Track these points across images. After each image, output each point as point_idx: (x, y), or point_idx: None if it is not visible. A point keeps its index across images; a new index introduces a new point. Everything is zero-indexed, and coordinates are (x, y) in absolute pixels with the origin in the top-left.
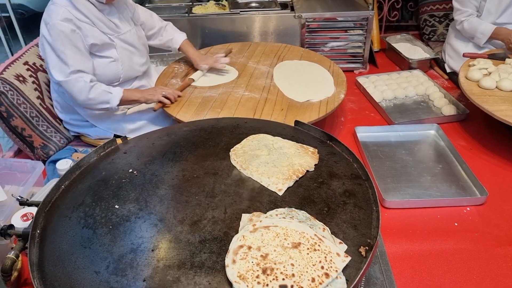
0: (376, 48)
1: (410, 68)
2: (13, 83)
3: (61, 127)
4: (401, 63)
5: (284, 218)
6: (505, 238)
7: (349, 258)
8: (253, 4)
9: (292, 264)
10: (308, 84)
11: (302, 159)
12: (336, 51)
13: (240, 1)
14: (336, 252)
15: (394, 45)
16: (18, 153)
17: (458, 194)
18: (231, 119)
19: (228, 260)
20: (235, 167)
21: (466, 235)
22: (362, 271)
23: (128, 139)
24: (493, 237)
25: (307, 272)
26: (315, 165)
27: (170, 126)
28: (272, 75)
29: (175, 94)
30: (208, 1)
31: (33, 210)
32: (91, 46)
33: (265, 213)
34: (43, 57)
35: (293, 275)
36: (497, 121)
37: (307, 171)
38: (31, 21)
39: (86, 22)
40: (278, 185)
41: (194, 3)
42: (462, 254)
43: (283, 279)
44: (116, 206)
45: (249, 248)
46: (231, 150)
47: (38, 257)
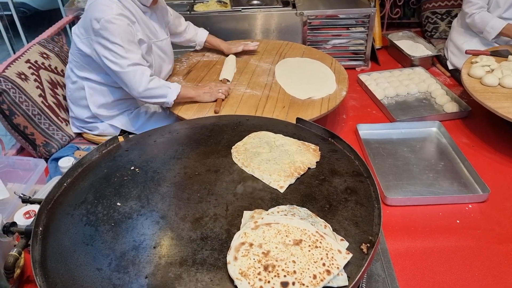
0: (378, 45)
1: (412, 65)
2: (15, 81)
3: (64, 125)
4: (403, 60)
5: (285, 215)
6: (507, 236)
7: (350, 255)
8: (255, 2)
9: (294, 261)
10: (310, 82)
11: (304, 156)
12: (338, 48)
13: None
14: (337, 249)
15: (396, 42)
16: (21, 151)
17: (460, 192)
18: (233, 116)
19: (229, 257)
20: (236, 164)
21: (468, 233)
22: (363, 268)
23: (130, 136)
24: (495, 234)
25: (308, 269)
26: (316, 162)
27: (172, 124)
28: (274, 73)
29: (228, 91)
30: None
31: (36, 207)
32: (140, 41)
33: (267, 210)
34: (79, 47)
35: (294, 272)
36: (500, 118)
37: (308, 168)
38: (33, 19)
39: (134, 21)
40: (280, 182)
41: (196, 1)
42: (464, 251)
43: (285, 276)
44: (118, 204)
45: (251, 245)
46: (233, 147)
47: (40, 254)
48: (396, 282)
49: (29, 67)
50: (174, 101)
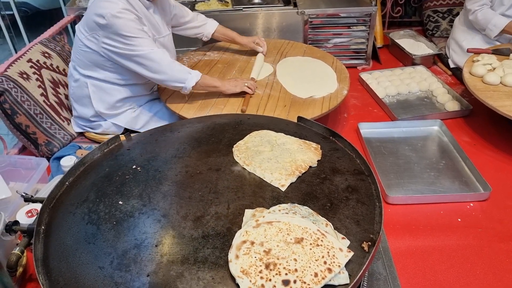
0: (379, 44)
1: (413, 64)
2: (17, 81)
3: (65, 124)
4: (404, 59)
5: (287, 213)
6: (508, 234)
7: (351, 254)
8: (256, 1)
9: (295, 259)
10: (311, 80)
11: (305, 155)
12: (339, 47)
13: None
14: (339, 248)
15: (397, 41)
16: (23, 150)
17: (462, 190)
18: (234, 115)
19: (231, 255)
20: (238, 163)
21: (469, 231)
22: (364, 266)
23: (132, 135)
24: (497, 232)
25: (310, 267)
26: (318, 161)
27: (174, 123)
28: (275, 72)
29: (255, 85)
30: None
31: (38, 206)
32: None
33: (268, 208)
34: (85, 42)
35: (296, 270)
36: (501, 116)
37: (310, 167)
38: (35, 18)
39: (139, 16)
40: (281, 181)
41: (197, 0)
42: (465, 249)
43: (286, 274)
44: (120, 202)
45: (252, 243)
46: (234, 146)
47: (42, 252)
48: (398, 281)
49: (31, 67)
50: (193, 88)
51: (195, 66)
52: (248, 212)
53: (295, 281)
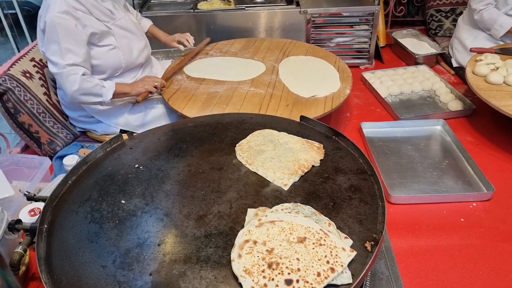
0: (382, 43)
1: (416, 63)
2: (20, 80)
3: (68, 123)
4: (407, 58)
5: (289, 213)
6: None
7: (354, 253)
8: (259, 0)
9: (298, 259)
10: (314, 80)
11: (308, 154)
12: (341, 46)
13: None
14: (341, 247)
15: (400, 40)
16: (25, 149)
17: (465, 190)
18: (237, 114)
19: (233, 255)
20: (240, 162)
21: (472, 231)
22: (367, 266)
23: (134, 134)
24: (500, 232)
25: (312, 266)
26: (320, 160)
27: (176, 122)
28: (278, 71)
29: (163, 83)
30: None
31: (41, 205)
32: (91, 36)
33: (271, 208)
34: (43, 51)
35: (298, 269)
36: (504, 116)
37: (312, 166)
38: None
39: (83, 11)
40: (284, 180)
41: None
42: (468, 249)
43: (289, 273)
44: (123, 201)
45: (255, 242)
46: (237, 145)
47: (45, 251)
48: (400, 280)
49: (34, 66)
50: (111, 99)
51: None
52: (250, 211)
53: (297, 281)
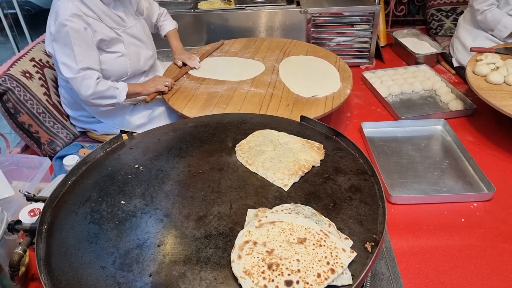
0: (382, 43)
1: (416, 63)
2: (20, 80)
3: (68, 123)
4: (408, 58)
5: (289, 213)
6: None
7: (354, 254)
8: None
9: (298, 260)
10: (314, 80)
11: (308, 154)
12: (342, 46)
13: None
14: (341, 248)
15: (401, 40)
16: (25, 149)
17: (465, 190)
18: (237, 114)
19: (233, 256)
20: (240, 162)
21: (473, 231)
22: (368, 267)
23: (134, 134)
24: (500, 233)
25: (312, 267)
26: (321, 160)
27: (176, 122)
28: (278, 71)
29: (172, 83)
30: None
31: (40, 205)
32: (100, 42)
33: (271, 208)
34: (50, 54)
35: (298, 270)
36: (505, 116)
37: (312, 166)
38: (38, 17)
39: (93, 18)
40: (284, 180)
41: None
42: (468, 250)
43: (289, 274)
44: (122, 202)
45: (255, 243)
46: (237, 145)
47: (45, 252)
48: (401, 281)
49: (34, 66)
50: (124, 100)
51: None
52: (250, 212)
53: (298, 282)
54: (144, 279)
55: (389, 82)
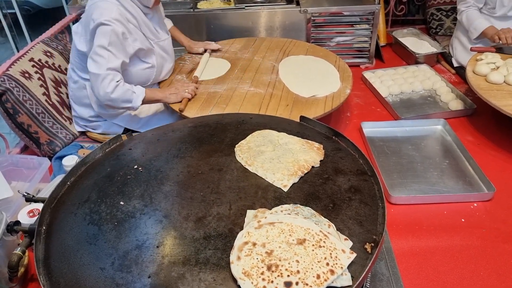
0: (382, 42)
1: (416, 62)
2: (19, 80)
3: (67, 123)
4: (408, 57)
5: (289, 214)
6: None
7: (354, 255)
8: None
9: (297, 261)
10: (314, 79)
11: (308, 155)
12: (342, 46)
13: None
14: (341, 249)
15: (401, 39)
16: (25, 150)
17: (465, 190)
18: (236, 115)
19: (233, 257)
20: (240, 163)
21: (473, 231)
22: (367, 268)
23: (134, 135)
24: (500, 233)
25: (312, 268)
26: (320, 161)
27: (175, 122)
28: (278, 71)
29: (195, 90)
30: None
31: (39, 206)
32: (138, 51)
33: (270, 209)
34: (77, 48)
35: (298, 271)
36: (505, 116)
37: (312, 167)
38: (37, 17)
39: (134, 25)
40: (283, 181)
41: None
42: (469, 250)
43: (288, 275)
44: (121, 203)
45: (254, 244)
46: (236, 146)
47: (44, 253)
48: (401, 281)
49: (33, 66)
50: (140, 105)
51: (197, 64)
52: (250, 213)
53: (297, 283)
54: (143, 280)
55: (389, 81)
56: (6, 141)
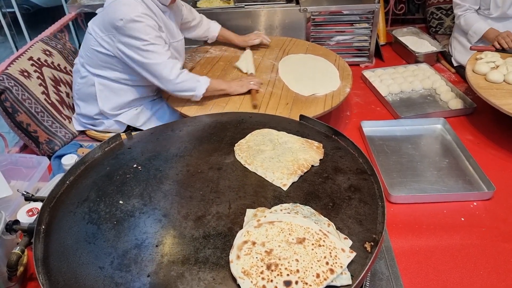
0: (382, 41)
1: (416, 61)
2: (18, 79)
3: (66, 122)
4: (408, 56)
5: (288, 213)
6: None
7: (354, 254)
8: None
9: (297, 260)
10: (314, 78)
11: (307, 154)
12: (341, 44)
13: None
14: (341, 248)
15: (401, 38)
16: (24, 149)
17: (465, 189)
18: (236, 113)
19: (232, 256)
20: (239, 162)
21: (472, 230)
22: (367, 267)
23: (133, 134)
24: (500, 232)
25: (311, 268)
26: (320, 160)
27: (175, 121)
28: (277, 69)
29: (260, 81)
30: None
31: (38, 205)
32: None
33: (270, 208)
34: (92, 45)
35: (297, 271)
36: (505, 115)
37: (312, 166)
38: (36, 16)
39: (156, 21)
40: (283, 180)
41: None
42: (468, 249)
43: (288, 274)
44: (121, 202)
45: (254, 243)
46: (236, 145)
47: (43, 252)
48: (400, 280)
49: (32, 65)
50: (203, 94)
51: (197, 64)
52: (249, 212)
53: (296, 282)
54: (142, 279)
55: (389, 81)
56: (5, 140)
